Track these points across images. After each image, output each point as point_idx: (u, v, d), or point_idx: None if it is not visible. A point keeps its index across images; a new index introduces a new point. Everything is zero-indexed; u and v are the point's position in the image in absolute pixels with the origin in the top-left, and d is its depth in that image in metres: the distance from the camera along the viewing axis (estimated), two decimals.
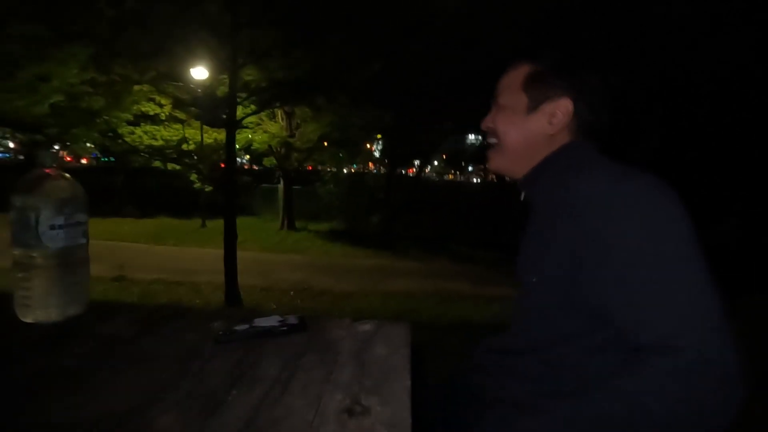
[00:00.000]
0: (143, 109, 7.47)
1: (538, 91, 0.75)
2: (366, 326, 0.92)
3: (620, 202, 0.60)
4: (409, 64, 6.80)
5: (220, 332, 0.80)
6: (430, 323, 4.42)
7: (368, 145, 13.42)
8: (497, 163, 0.80)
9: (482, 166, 18.20)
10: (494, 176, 14.49)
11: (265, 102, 5.97)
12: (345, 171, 13.54)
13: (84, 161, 18.74)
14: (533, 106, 0.75)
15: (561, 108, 0.74)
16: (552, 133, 0.75)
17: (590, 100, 0.74)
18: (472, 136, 19.55)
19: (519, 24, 6.27)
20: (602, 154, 0.75)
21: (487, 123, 0.82)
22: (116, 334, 0.82)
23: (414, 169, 13.22)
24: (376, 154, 14.16)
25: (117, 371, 0.69)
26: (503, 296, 6.23)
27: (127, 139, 8.00)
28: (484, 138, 0.83)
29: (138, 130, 8.44)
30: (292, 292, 5.99)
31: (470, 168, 25.81)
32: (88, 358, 0.73)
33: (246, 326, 0.82)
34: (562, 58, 0.77)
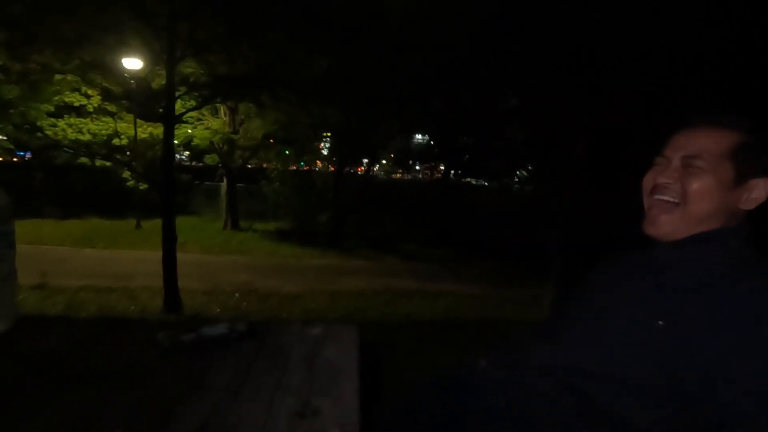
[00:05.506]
0: (67, 99, 6.84)
1: (747, 165, 0.72)
2: (315, 329, 0.95)
3: None
4: (357, 63, 6.80)
5: (166, 343, 0.78)
6: (379, 322, 4.48)
7: (316, 143, 13.23)
8: (672, 226, 0.73)
9: (429, 165, 18.54)
10: (440, 174, 14.87)
11: (206, 97, 5.69)
12: (293, 168, 13.26)
13: None
14: (740, 181, 0.72)
15: (761, 186, 0.71)
16: (743, 209, 0.72)
17: None
18: (419, 136, 19.97)
19: (464, 30, 6.49)
20: None
21: (669, 177, 0.74)
22: (49, 351, 0.78)
23: (362, 168, 13.23)
24: (324, 152, 14.00)
25: (54, 391, 0.66)
26: (449, 292, 6.47)
27: (48, 132, 7.27)
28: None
29: (61, 123, 7.71)
30: (237, 295, 5.79)
31: (417, 167, 26.47)
32: (20, 380, 0.69)
33: (192, 335, 0.81)
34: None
